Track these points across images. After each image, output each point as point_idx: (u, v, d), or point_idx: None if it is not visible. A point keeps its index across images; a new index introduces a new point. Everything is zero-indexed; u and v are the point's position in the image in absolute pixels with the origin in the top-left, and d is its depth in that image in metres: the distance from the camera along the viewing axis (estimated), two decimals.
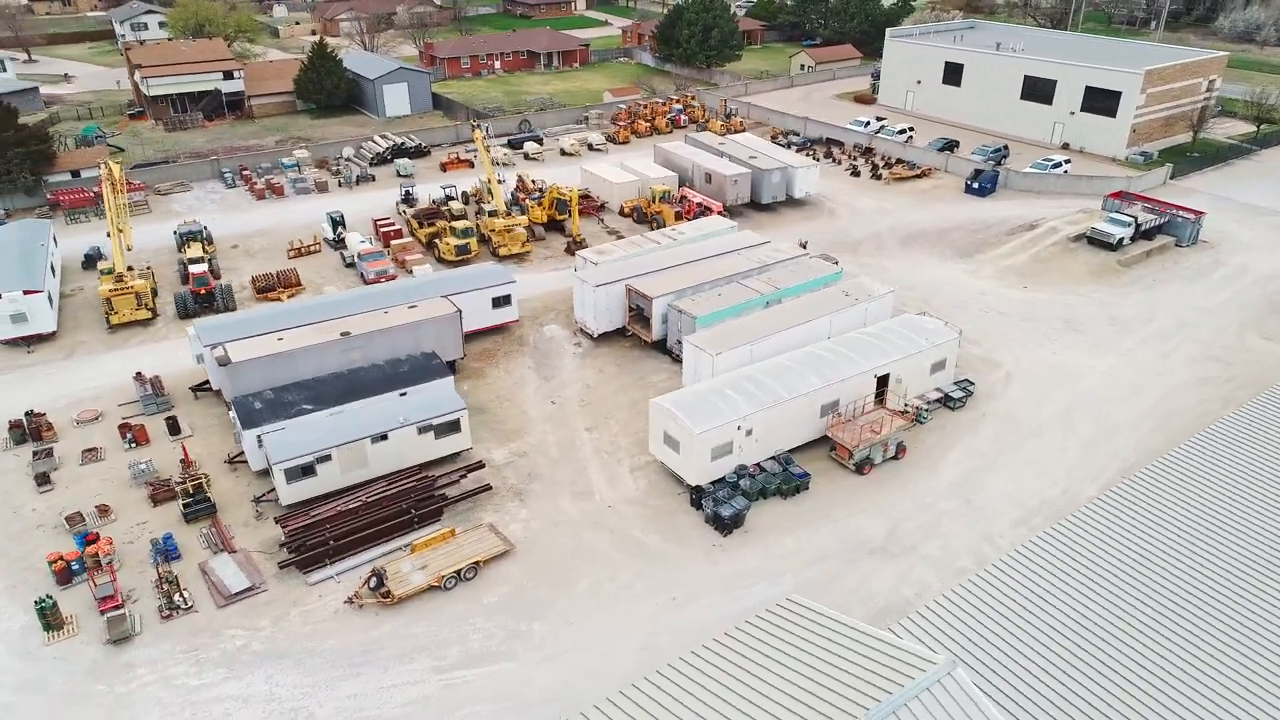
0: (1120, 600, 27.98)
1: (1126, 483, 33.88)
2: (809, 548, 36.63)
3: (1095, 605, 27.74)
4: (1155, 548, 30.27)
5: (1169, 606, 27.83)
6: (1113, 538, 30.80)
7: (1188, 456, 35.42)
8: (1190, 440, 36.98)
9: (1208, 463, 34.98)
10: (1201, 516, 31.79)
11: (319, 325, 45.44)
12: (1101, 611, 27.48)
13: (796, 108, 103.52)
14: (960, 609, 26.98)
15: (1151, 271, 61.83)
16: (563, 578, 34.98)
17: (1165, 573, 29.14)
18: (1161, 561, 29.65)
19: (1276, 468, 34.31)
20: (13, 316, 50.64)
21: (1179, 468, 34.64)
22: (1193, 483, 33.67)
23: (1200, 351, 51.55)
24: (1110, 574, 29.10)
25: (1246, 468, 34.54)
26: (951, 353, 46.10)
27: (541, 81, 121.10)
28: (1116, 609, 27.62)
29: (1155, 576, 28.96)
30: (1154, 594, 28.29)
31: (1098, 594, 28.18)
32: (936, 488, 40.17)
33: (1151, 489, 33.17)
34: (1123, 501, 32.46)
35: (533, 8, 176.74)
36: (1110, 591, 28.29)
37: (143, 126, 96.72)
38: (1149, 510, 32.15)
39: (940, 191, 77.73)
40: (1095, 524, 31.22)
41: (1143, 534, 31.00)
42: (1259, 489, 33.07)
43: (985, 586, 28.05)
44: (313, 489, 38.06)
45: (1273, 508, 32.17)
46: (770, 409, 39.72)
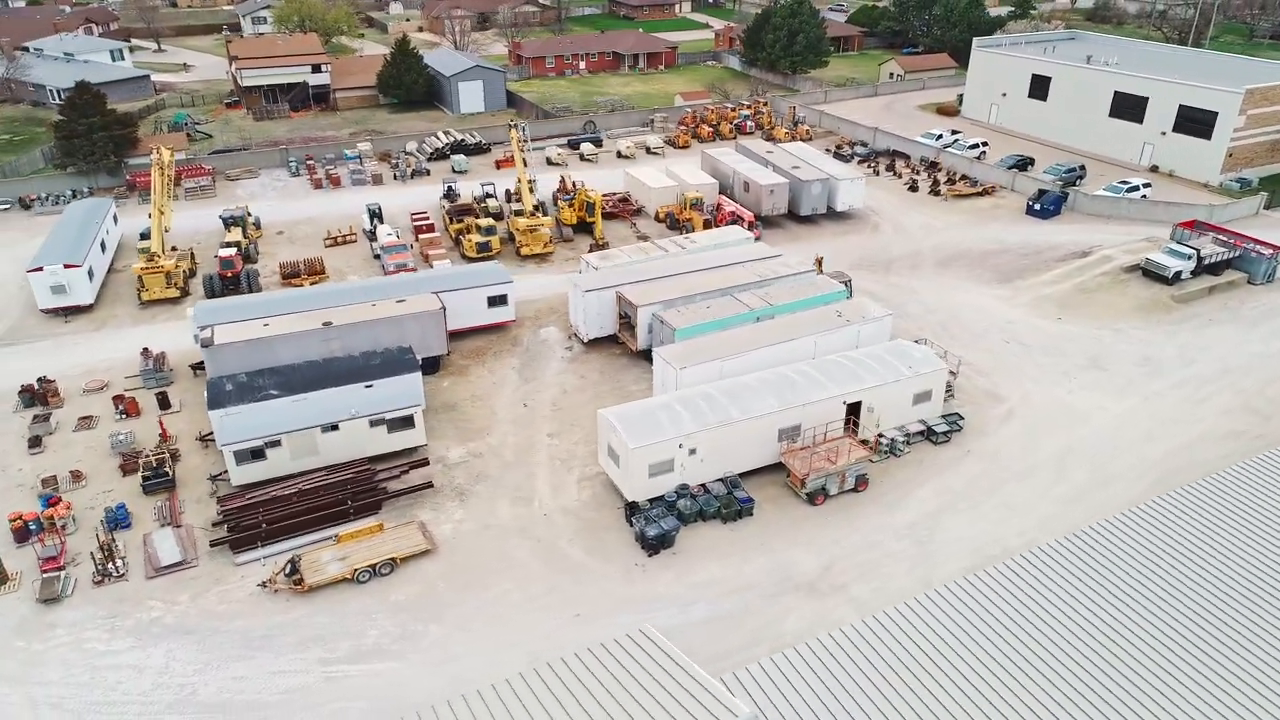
0: (990, 680, 24.98)
1: (1063, 540, 30.71)
2: (734, 577, 35.18)
3: (959, 684, 24.78)
4: (1050, 622, 26.68)
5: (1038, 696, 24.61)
6: (1014, 604, 27.44)
7: (1149, 515, 31.91)
8: (1162, 497, 33.30)
9: (1167, 525, 31.34)
10: (1127, 588, 28.46)
11: (304, 314, 46.90)
12: (961, 692, 24.52)
13: (874, 118, 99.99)
14: (810, 665, 25.06)
15: (1210, 309, 56.46)
16: (475, 583, 34.84)
17: (1043, 657, 25.72)
18: (1044, 643, 26.05)
19: (1240, 540, 30.48)
20: (53, 288, 54.53)
21: (1134, 526, 31.24)
22: (1139, 547, 30.25)
23: (1238, 402, 46.70)
24: (989, 649, 25.79)
25: (1207, 536, 30.81)
26: (938, 383, 43.35)
27: (623, 83, 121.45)
28: (983, 689, 24.66)
29: (1032, 657, 25.66)
30: (1023, 677, 25.03)
31: (967, 672, 25.17)
32: (890, 526, 37.87)
33: (1085, 551, 29.93)
34: (1048, 560, 29.45)
35: (635, 9, 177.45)
36: (982, 670, 25.21)
37: (235, 115, 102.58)
38: (1069, 576, 28.88)
39: (999, 211, 73.42)
40: (1002, 585, 28.31)
41: (1048, 604, 27.48)
42: (1206, 565, 29.42)
43: (846, 644, 25.85)
44: (262, 472, 39.28)
45: (1210, 594, 28.25)
46: (718, 429, 38.38)
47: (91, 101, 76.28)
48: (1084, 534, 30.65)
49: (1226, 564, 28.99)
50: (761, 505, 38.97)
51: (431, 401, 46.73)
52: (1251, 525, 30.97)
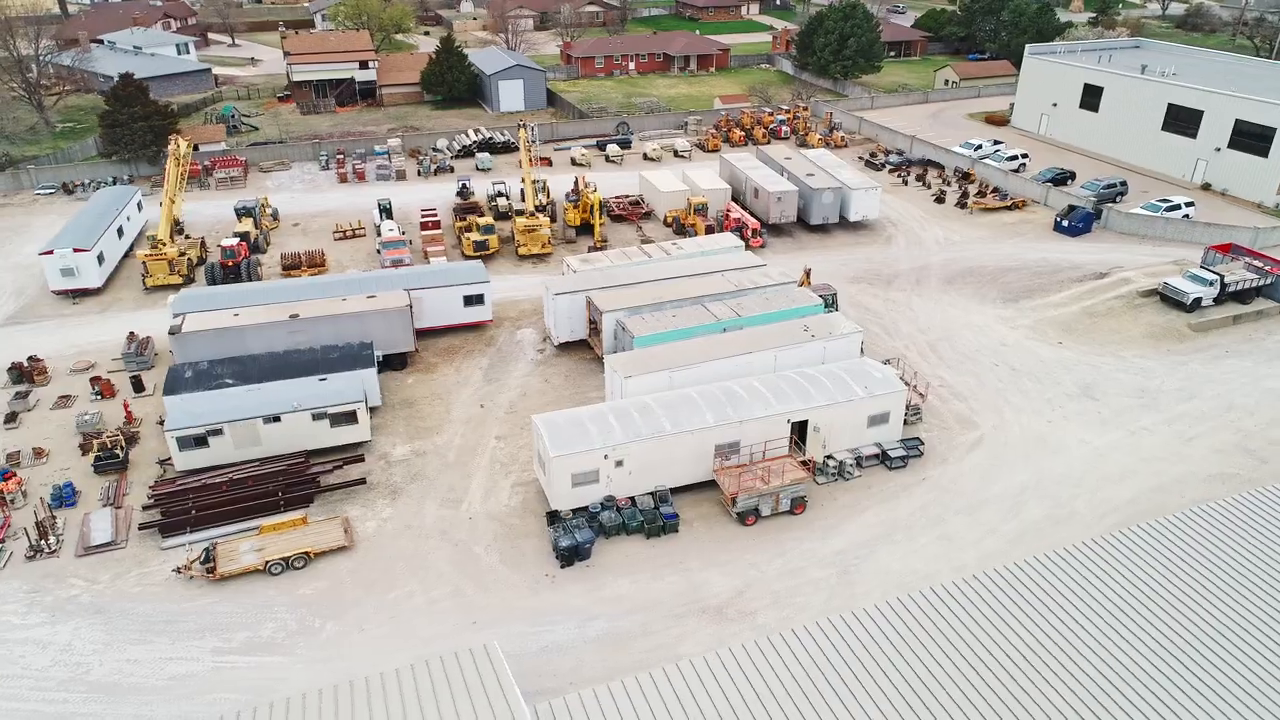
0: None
1: (960, 583, 28.52)
2: (642, 594, 34.27)
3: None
4: (902, 672, 24.71)
5: None
6: (867, 649, 25.48)
7: (1073, 557, 29.49)
8: (1096, 540, 30.67)
9: (1091, 570, 28.85)
10: (1023, 633, 26.38)
11: (274, 306, 47.85)
12: None
13: (918, 126, 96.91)
14: (639, 696, 23.96)
15: (1230, 340, 52.56)
16: (382, 582, 34.84)
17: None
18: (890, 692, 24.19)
19: (1165, 593, 27.93)
20: (62, 270, 57.07)
21: (1053, 568, 28.90)
22: (1050, 590, 27.99)
23: (1235, 442, 43.26)
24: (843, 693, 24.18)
25: (1132, 585, 28.29)
26: (896, 406, 41.40)
27: (669, 85, 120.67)
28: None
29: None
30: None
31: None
32: (819, 552, 36.33)
33: (986, 594, 27.82)
34: (940, 603, 27.45)
35: (701, 10, 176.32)
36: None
37: (285, 109, 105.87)
38: (960, 620, 26.89)
39: (1026, 227, 70.05)
40: (875, 626, 26.39)
41: (902, 649, 25.38)
42: (1117, 617, 27.03)
43: (679, 680, 24.51)
44: (205, 459, 40.14)
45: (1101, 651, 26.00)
46: (648, 441, 37.49)
47: (135, 93, 79.69)
48: (988, 575, 28.63)
49: (1138, 618, 26.65)
50: (692, 523, 37.94)
51: (391, 398, 47.18)
52: (1182, 577, 28.42)
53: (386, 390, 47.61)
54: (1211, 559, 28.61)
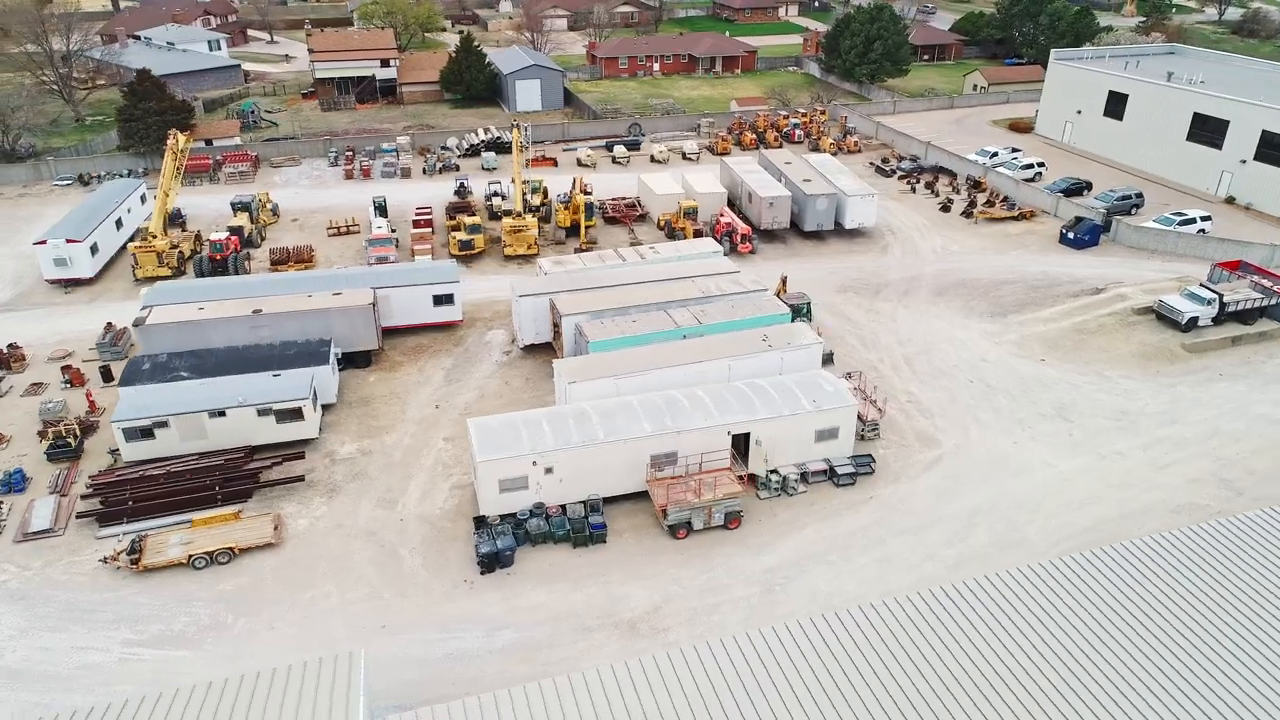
0: None
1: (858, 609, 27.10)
2: (559, 605, 33.64)
3: None
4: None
5: None
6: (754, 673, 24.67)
7: (1003, 583, 28.00)
8: (1031, 565, 28.99)
9: (1023, 596, 27.35)
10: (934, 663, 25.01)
11: (239, 301, 48.30)
12: None
13: (939, 132, 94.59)
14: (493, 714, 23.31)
15: (1226, 363, 49.98)
16: (301, 581, 34.77)
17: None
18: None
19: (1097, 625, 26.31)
20: (55, 260, 58.46)
21: (980, 594, 27.50)
22: (972, 617, 26.63)
23: (1212, 471, 41.01)
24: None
25: (1064, 614, 26.73)
26: (845, 421, 40.07)
27: (691, 86, 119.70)
28: None
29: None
30: None
31: None
32: (747, 570, 35.30)
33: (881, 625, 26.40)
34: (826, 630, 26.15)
35: (738, 12, 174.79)
36: None
37: (307, 106, 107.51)
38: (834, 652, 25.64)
39: (1030, 239, 67.69)
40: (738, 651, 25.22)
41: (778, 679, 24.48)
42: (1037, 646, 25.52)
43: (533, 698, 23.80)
44: (151, 451, 40.54)
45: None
46: (580, 449, 36.84)
47: (151, 88, 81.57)
48: (908, 598, 27.30)
49: (1061, 649, 25.14)
50: (623, 534, 37.19)
51: (351, 395, 47.29)
52: (1109, 611, 26.73)
53: (347, 388, 47.76)
54: (1145, 593, 26.91)
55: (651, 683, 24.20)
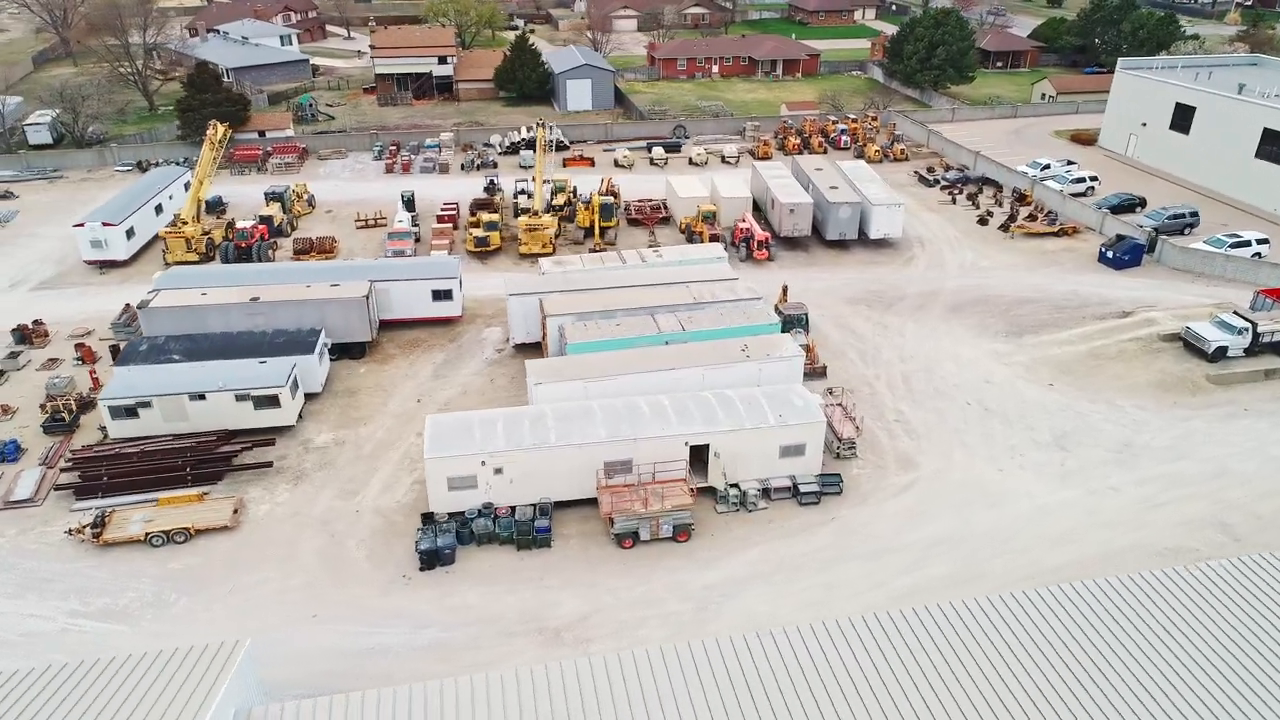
0: None
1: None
2: (490, 607, 33.45)
3: None
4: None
5: None
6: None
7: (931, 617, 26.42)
8: (975, 600, 27.19)
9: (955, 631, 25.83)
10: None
11: (239, 288, 49.71)
12: None
13: (996, 141, 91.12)
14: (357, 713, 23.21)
15: (1255, 398, 46.44)
16: (247, 565, 35.48)
17: None
18: None
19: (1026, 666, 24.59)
20: (92, 242, 61.37)
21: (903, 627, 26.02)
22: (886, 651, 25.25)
23: (1212, 514, 38.09)
24: None
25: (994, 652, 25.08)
26: (812, 438, 38.70)
27: (748, 89, 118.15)
28: None
29: None
30: None
31: None
32: (687, 585, 34.43)
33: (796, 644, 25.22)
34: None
35: (812, 14, 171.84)
36: None
37: (366, 100, 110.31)
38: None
39: (1068, 256, 64.38)
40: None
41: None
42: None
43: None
44: (136, 429, 42.00)
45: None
46: (530, 451, 36.58)
47: (209, 80, 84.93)
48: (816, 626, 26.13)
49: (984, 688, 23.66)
50: (570, 539, 36.78)
51: (339, 385, 48.16)
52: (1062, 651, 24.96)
53: (337, 378, 48.67)
54: (1087, 636, 25.12)
55: (537, 690, 23.90)
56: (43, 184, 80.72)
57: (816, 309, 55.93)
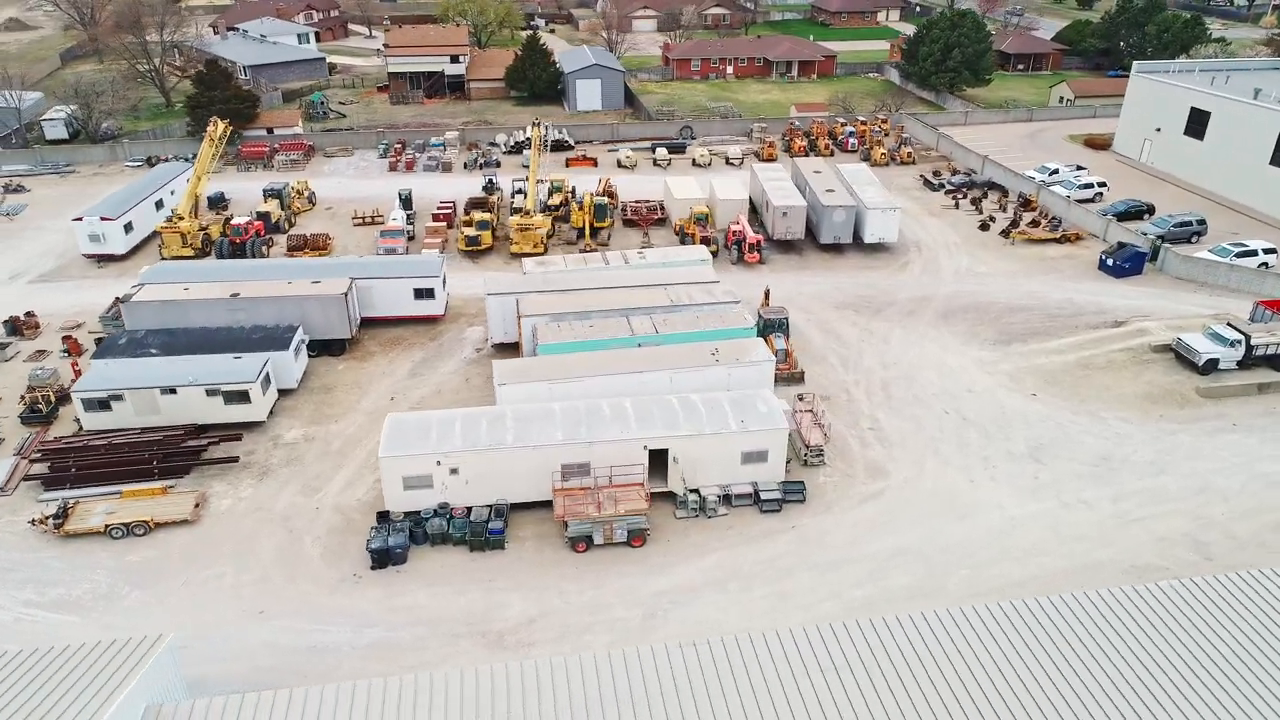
0: None
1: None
2: (437, 608, 33.29)
3: None
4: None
5: None
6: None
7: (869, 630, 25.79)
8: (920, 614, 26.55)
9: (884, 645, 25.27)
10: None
11: (221, 284, 50.10)
12: None
13: (1010, 145, 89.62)
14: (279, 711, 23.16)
15: (1245, 412, 45.05)
16: (203, 559, 35.62)
17: None
18: None
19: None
20: (90, 236, 62.25)
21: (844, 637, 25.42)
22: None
23: (1188, 531, 36.95)
24: None
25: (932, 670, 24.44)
26: (775, 444, 38.09)
27: (761, 90, 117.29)
28: None
29: None
30: None
31: None
32: (637, 591, 34.03)
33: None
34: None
35: (834, 15, 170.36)
36: None
37: (379, 99, 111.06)
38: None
39: (1068, 263, 63.03)
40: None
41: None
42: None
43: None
44: (109, 422, 42.47)
45: None
46: (486, 452, 36.40)
47: (218, 77, 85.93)
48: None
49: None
50: (525, 541, 36.55)
51: (316, 382, 48.36)
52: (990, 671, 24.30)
53: (315, 374, 48.88)
54: (1040, 652, 24.46)
55: (464, 693, 23.73)
56: (54, 178, 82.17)
57: (804, 313, 55.37)
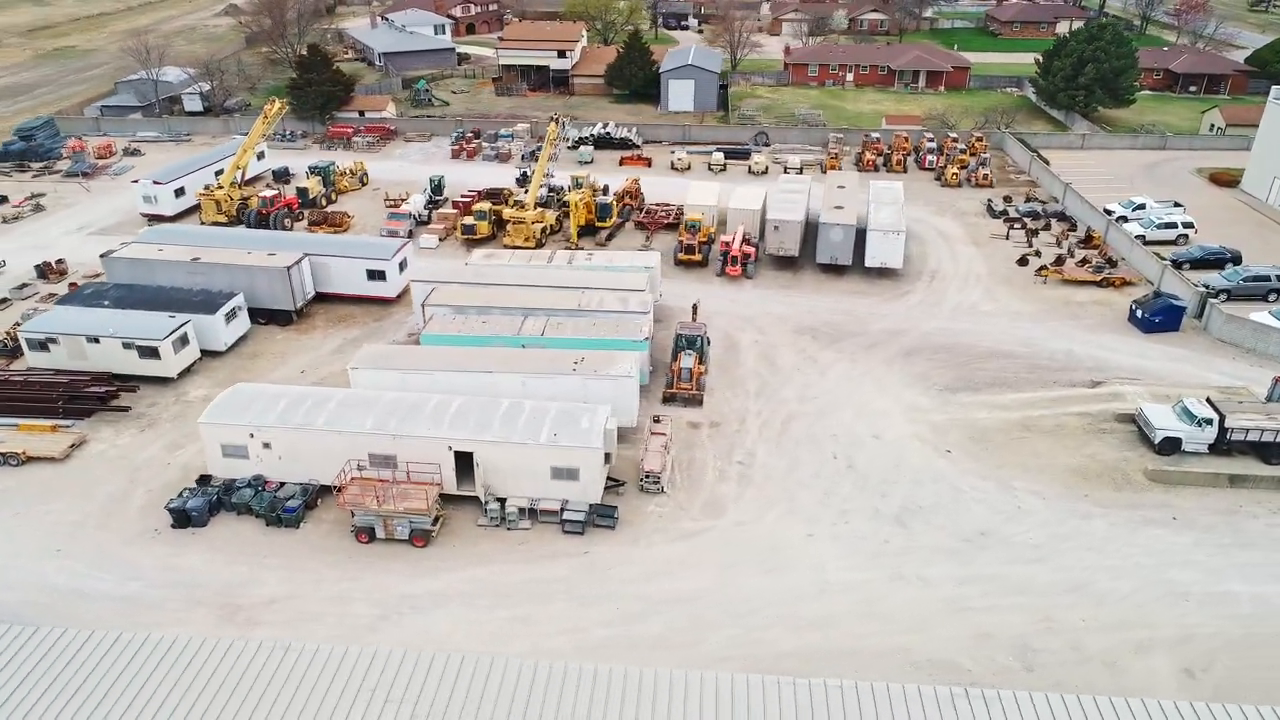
0: None
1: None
2: (201, 573, 34.17)
3: None
4: None
5: None
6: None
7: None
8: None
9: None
10: None
11: (189, 249, 53.94)
12: None
13: (1124, 175, 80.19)
14: None
15: (1200, 505, 37.47)
16: (47, 495, 38.43)
17: None
18: None
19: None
20: (144, 198, 69.09)
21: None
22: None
23: (1022, 633, 31.26)
24: None
25: None
26: (586, 464, 35.96)
27: (872, 100, 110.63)
28: None
29: None
30: None
31: None
32: (392, 591, 33.33)
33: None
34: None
35: (1005, 25, 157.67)
36: None
37: (487, 90, 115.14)
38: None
39: (1096, 310, 55.08)
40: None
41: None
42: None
43: None
44: (48, 361, 46.74)
45: None
46: (294, 431, 37.02)
47: (318, 62, 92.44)
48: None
49: None
50: (323, 524, 36.86)
51: (248, 348, 51.01)
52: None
53: (254, 340, 51.60)
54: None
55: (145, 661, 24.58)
56: (171, 145, 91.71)
57: (757, 334, 52.09)
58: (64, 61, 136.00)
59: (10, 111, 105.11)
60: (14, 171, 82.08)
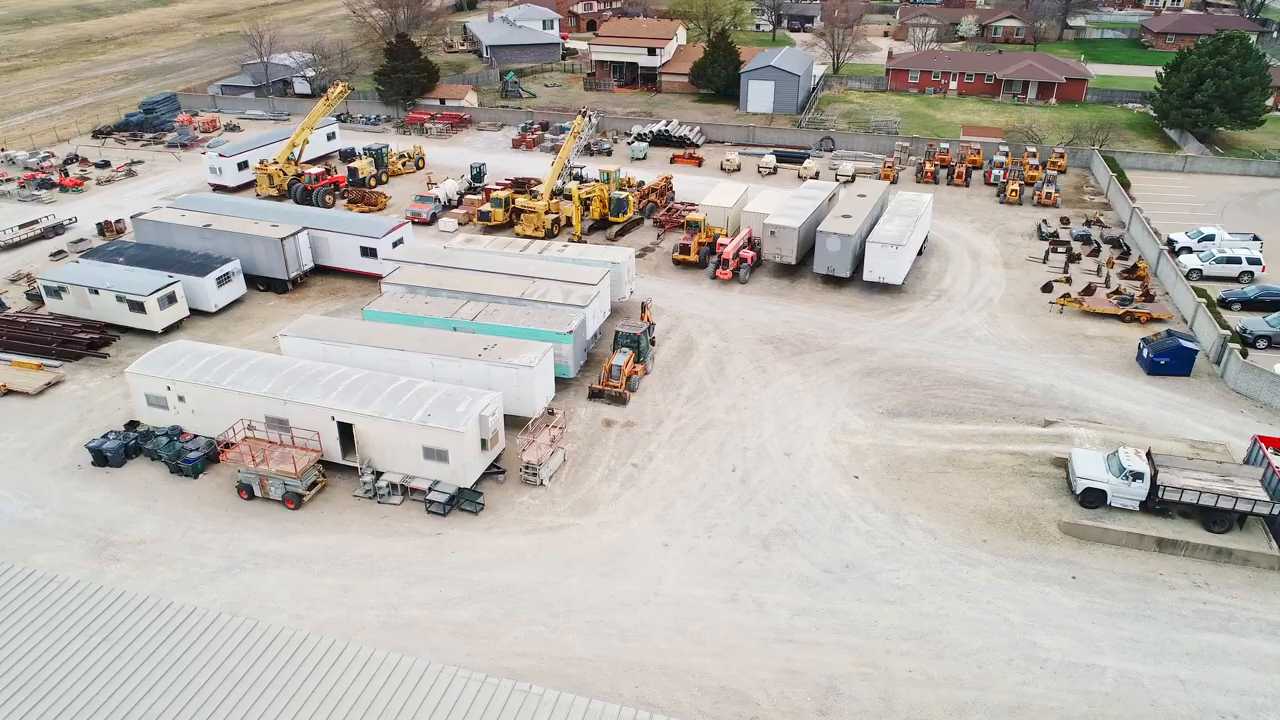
0: None
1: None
2: (92, 509, 36.99)
3: None
4: None
5: None
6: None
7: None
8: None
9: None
10: None
11: (204, 215, 58.11)
12: None
13: (1217, 204, 72.81)
14: None
15: (1109, 569, 33.45)
16: (11, 423, 42.64)
17: None
18: None
19: None
20: (210, 169, 74.91)
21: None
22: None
23: (836, 674, 29.04)
24: None
25: None
26: (454, 446, 36.23)
27: (969, 110, 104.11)
28: None
29: None
30: None
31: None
32: (235, 547, 34.87)
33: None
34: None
35: (1159, 36, 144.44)
36: None
37: (577, 84, 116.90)
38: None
39: (1103, 346, 49.98)
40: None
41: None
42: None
43: None
44: (61, 308, 51.83)
45: None
46: (202, 387, 39.39)
47: (405, 51, 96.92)
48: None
49: None
50: (219, 477, 39.01)
51: (239, 311, 54.59)
52: None
53: (248, 304, 55.14)
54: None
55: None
56: (270, 123, 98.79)
57: (721, 339, 50.76)
58: (220, 45, 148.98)
59: (155, 87, 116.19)
60: (128, 140, 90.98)
